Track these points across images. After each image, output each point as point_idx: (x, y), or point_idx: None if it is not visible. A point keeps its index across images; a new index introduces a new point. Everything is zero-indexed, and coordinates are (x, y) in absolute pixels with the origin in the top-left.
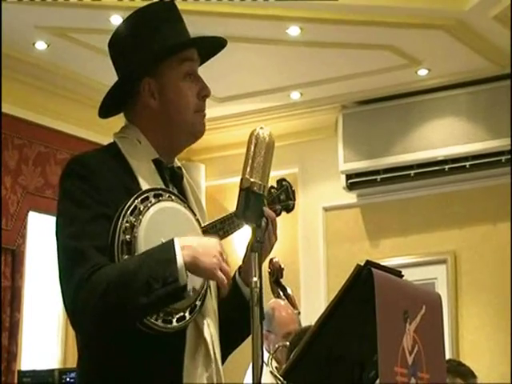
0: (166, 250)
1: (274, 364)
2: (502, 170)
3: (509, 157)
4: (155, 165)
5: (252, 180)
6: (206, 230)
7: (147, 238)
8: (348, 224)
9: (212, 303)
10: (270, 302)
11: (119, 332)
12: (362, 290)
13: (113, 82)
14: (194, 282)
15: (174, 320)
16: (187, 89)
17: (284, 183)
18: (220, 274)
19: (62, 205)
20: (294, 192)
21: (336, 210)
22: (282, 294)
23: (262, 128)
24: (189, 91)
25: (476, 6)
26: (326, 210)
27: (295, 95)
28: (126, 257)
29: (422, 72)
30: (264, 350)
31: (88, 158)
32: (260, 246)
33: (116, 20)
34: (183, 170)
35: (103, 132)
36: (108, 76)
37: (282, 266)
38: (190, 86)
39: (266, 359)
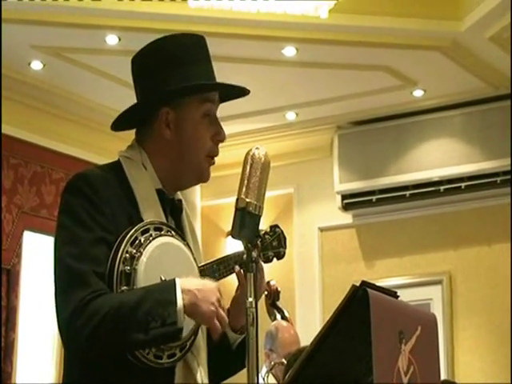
0: (167, 290)
1: (272, 382)
2: (497, 191)
3: (504, 178)
4: (158, 194)
5: (248, 200)
6: (203, 270)
7: (147, 272)
8: (343, 244)
9: (202, 341)
10: (273, 322)
11: (110, 362)
12: (358, 310)
13: (108, 102)
14: (188, 322)
15: (165, 356)
16: (204, 129)
17: (277, 230)
18: (216, 322)
19: (65, 221)
20: (285, 239)
21: (331, 230)
22: (278, 316)
23: (257, 148)
24: (206, 132)
25: (471, 27)
26: (321, 230)
27: (291, 116)
28: (125, 288)
29: (418, 93)
30: (264, 367)
31: (94, 177)
32: (255, 266)
33: (112, 40)
34: (183, 202)
35: (99, 152)
36: (103, 96)
37: (279, 289)
38: (208, 127)
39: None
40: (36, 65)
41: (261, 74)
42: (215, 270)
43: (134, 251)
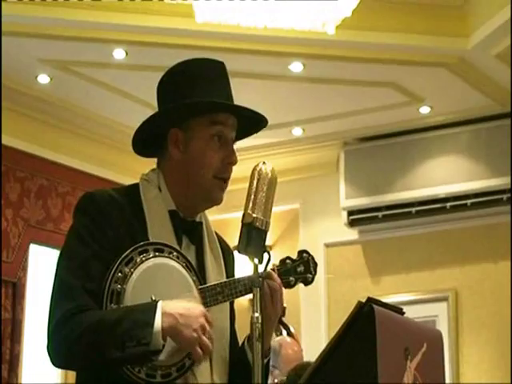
0: (147, 311)
1: None
2: (503, 208)
3: (510, 195)
4: (172, 216)
5: (254, 215)
6: (204, 291)
7: (135, 291)
8: (349, 260)
9: (208, 365)
10: (277, 338)
11: (105, 379)
12: (364, 326)
13: (115, 116)
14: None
15: (159, 375)
16: (213, 150)
17: (305, 255)
18: (197, 349)
19: (68, 238)
20: (315, 265)
21: (337, 246)
22: (284, 332)
23: (264, 163)
24: (214, 153)
25: (478, 45)
26: (327, 246)
27: (297, 131)
28: (114, 306)
29: (424, 109)
30: None
31: (100, 197)
32: (262, 281)
33: (119, 54)
34: (205, 224)
35: (105, 165)
36: (110, 110)
37: (285, 305)
38: (217, 150)
39: None
40: (43, 78)
41: (268, 89)
42: (218, 292)
43: (127, 270)
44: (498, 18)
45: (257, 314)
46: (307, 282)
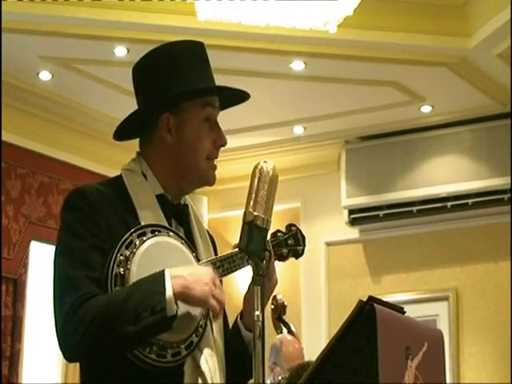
0: (156, 280)
1: None
2: (504, 208)
3: (510, 195)
4: (159, 200)
5: (255, 214)
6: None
7: (140, 271)
8: (350, 259)
9: (212, 337)
10: (278, 335)
11: (115, 364)
12: (365, 325)
13: (116, 113)
14: (189, 317)
15: (169, 355)
16: (205, 133)
17: (293, 228)
18: (212, 301)
19: (61, 235)
20: (304, 237)
21: (338, 245)
22: (284, 330)
23: (266, 162)
24: (206, 136)
25: (480, 44)
26: (328, 244)
27: (298, 130)
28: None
29: (426, 109)
30: (268, 381)
31: (88, 192)
32: (262, 279)
33: (120, 51)
34: (191, 207)
35: (106, 163)
36: (111, 107)
37: (285, 303)
38: (209, 132)
39: None
40: (44, 75)
41: (269, 87)
42: (218, 266)
43: (128, 253)
44: (499, 18)
45: (257, 312)
46: (298, 255)
